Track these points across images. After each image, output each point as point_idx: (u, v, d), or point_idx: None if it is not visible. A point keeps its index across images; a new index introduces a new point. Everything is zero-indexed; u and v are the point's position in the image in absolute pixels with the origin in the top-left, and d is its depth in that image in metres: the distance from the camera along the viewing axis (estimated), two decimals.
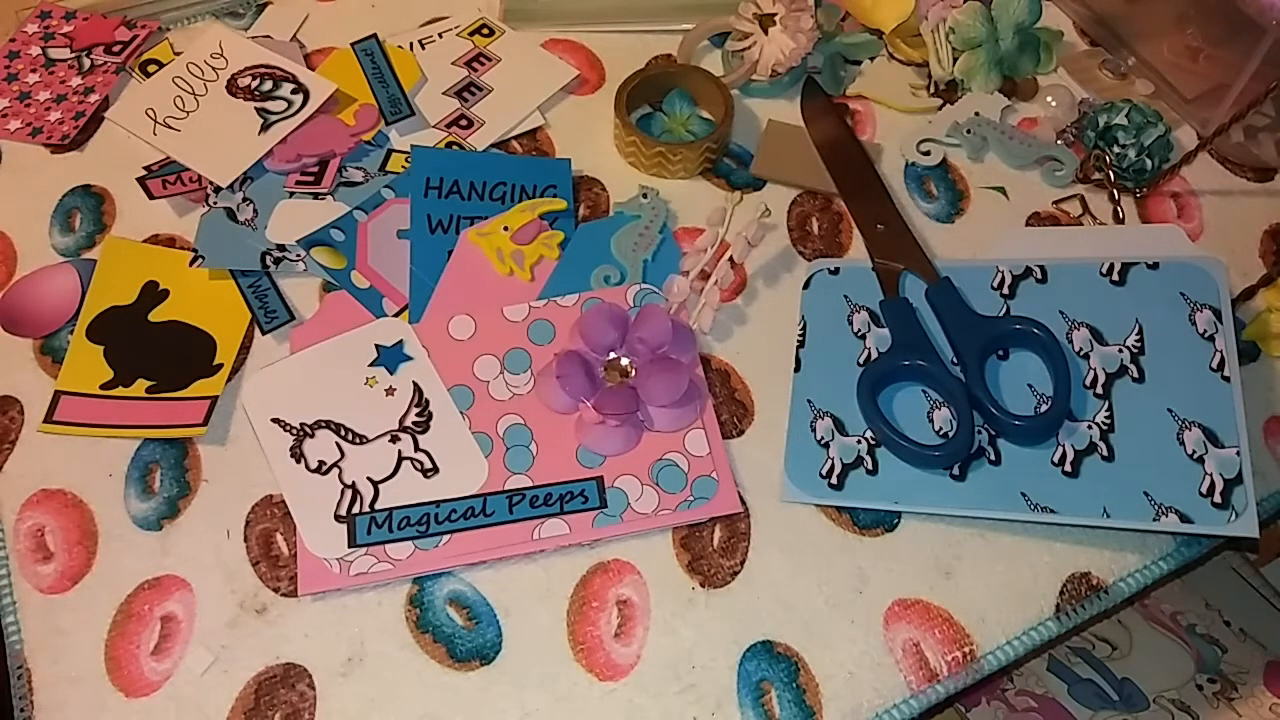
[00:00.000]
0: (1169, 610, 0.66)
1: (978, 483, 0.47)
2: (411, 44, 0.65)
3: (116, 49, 0.64)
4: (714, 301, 0.52)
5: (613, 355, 0.50)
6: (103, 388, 0.50)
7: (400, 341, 0.51)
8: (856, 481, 0.48)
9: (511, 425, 0.49)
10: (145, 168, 0.58)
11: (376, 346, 0.51)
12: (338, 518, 0.46)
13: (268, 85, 0.61)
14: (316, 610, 0.45)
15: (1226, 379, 0.47)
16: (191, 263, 0.54)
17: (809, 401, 0.50)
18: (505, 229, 0.55)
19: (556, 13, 0.67)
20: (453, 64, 0.64)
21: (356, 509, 0.46)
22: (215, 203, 0.56)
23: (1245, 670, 0.63)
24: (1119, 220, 0.59)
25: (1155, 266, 0.51)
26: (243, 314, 0.53)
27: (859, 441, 0.49)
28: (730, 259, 0.52)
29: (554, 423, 0.49)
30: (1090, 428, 0.47)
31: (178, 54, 0.63)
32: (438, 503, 0.46)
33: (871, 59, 0.66)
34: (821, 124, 0.61)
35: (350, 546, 0.45)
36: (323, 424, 0.49)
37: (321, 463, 0.47)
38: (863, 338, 0.52)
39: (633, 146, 0.59)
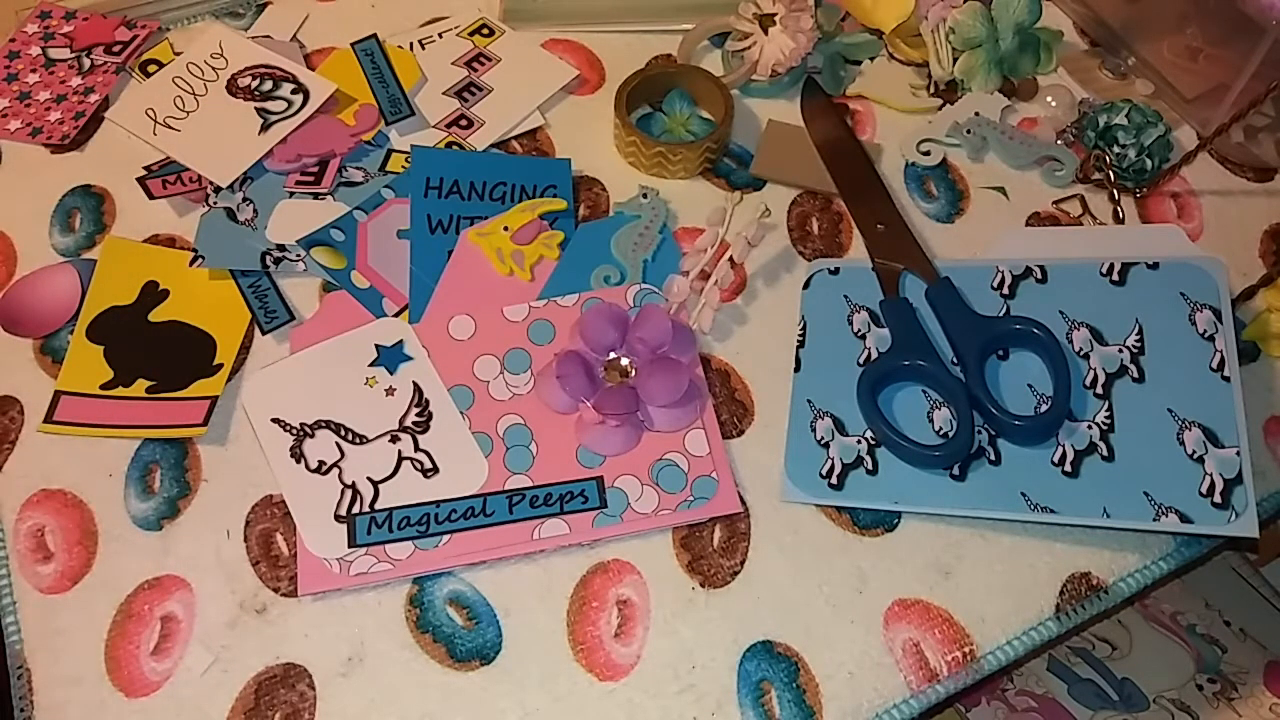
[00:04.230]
0: (1169, 610, 0.66)
1: (978, 483, 0.47)
2: (411, 44, 0.65)
3: (116, 49, 0.64)
4: (714, 301, 0.52)
5: (613, 355, 0.50)
6: (103, 388, 0.50)
7: (400, 341, 0.51)
8: (856, 481, 0.48)
9: (511, 425, 0.49)
10: (145, 168, 0.58)
11: (376, 346, 0.51)
12: (338, 518, 0.46)
13: (268, 85, 0.61)
14: (316, 610, 0.45)
15: (1226, 379, 0.47)
16: (191, 263, 0.54)
17: (809, 401, 0.50)
18: (505, 229, 0.55)
19: (556, 13, 0.67)
20: (453, 64, 0.64)
21: (356, 509, 0.46)
22: (215, 203, 0.56)
23: (1245, 670, 0.63)
24: (1119, 220, 0.59)
25: (1155, 266, 0.51)
26: (243, 314, 0.53)
27: (859, 441, 0.49)
28: (730, 259, 0.52)
29: (554, 423, 0.49)
30: (1090, 428, 0.47)
31: (178, 54, 0.63)
32: (438, 503, 0.46)
33: (871, 59, 0.66)
34: (821, 124, 0.61)
35: (350, 546, 0.45)
36: (323, 424, 0.49)
37: (321, 463, 0.47)
38: (863, 338, 0.52)
39: (633, 146, 0.59)
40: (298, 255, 0.55)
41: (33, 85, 0.62)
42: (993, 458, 0.48)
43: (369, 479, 0.47)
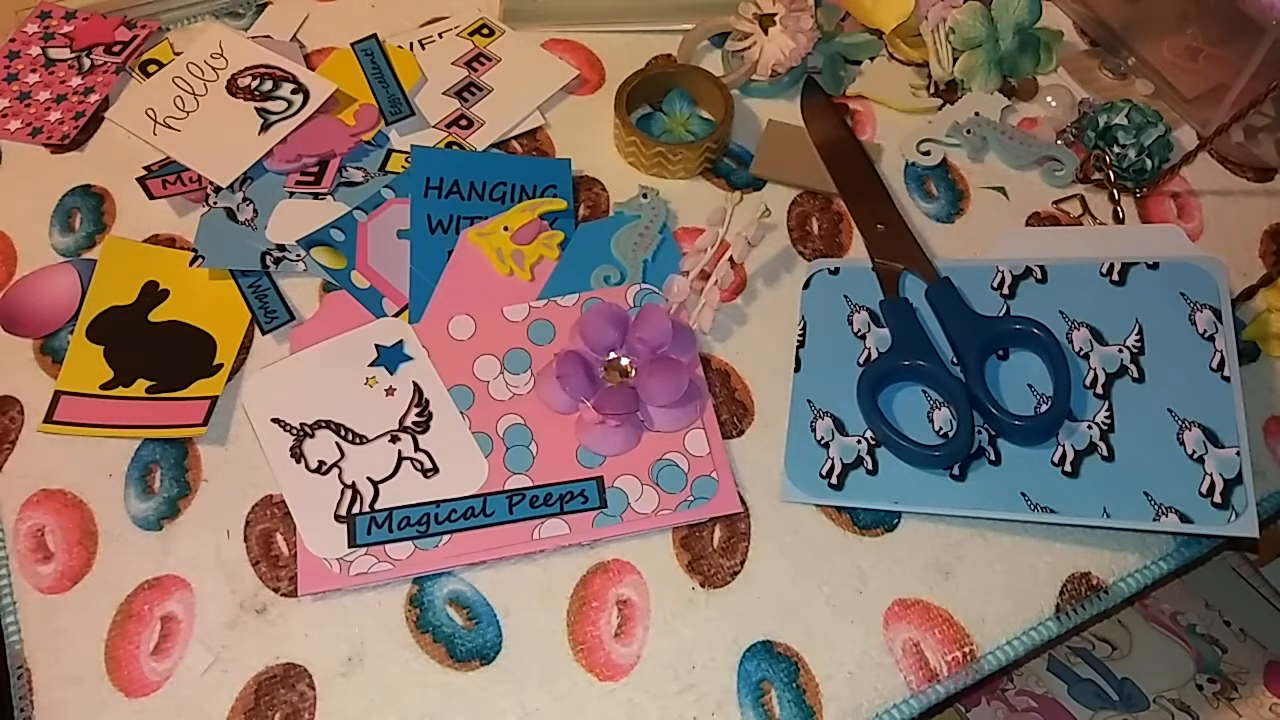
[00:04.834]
0: (1169, 610, 0.66)
1: (978, 483, 0.47)
2: (411, 44, 0.65)
3: (116, 49, 0.64)
4: (714, 301, 0.52)
5: (613, 355, 0.50)
6: (103, 388, 0.50)
7: (400, 341, 0.51)
8: (856, 481, 0.48)
9: (511, 425, 0.49)
10: (145, 168, 0.58)
11: (376, 346, 0.51)
12: (338, 518, 0.46)
13: (268, 85, 0.61)
14: (316, 610, 0.45)
15: (1226, 379, 0.47)
16: (191, 263, 0.54)
17: (809, 401, 0.50)
18: (505, 229, 0.55)
19: (556, 13, 0.67)
20: (453, 64, 0.64)
21: (356, 509, 0.46)
22: (215, 203, 0.56)
23: (1245, 670, 0.63)
24: (1119, 220, 0.59)
25: (1155, 266, 0.51)
26: (243, 314, 0.53)
27: (859, 441, 0.49)
28: (730, 259, 0.52)
29: (554, 423, 0.49)
30: (1090, 428, 0.47)
31: (178, 54, 0.63)
32: (438, 503, 0.46)
33: (871, 59, 0.66)
34: (821, 124, 0.61)
35: (350, 546, 0.45)
36: (323, 424, 0.49)
37: (321, 463, 0.47)
38: (863, 338, 0.52)
39: (633, 146, 0.59)
40: (298, 255, 0.55)
41: (33, 85, 0.62)
42: (993, 458, 0.48)
43: (369, 479, 0.47)
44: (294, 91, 0.61)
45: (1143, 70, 0.66)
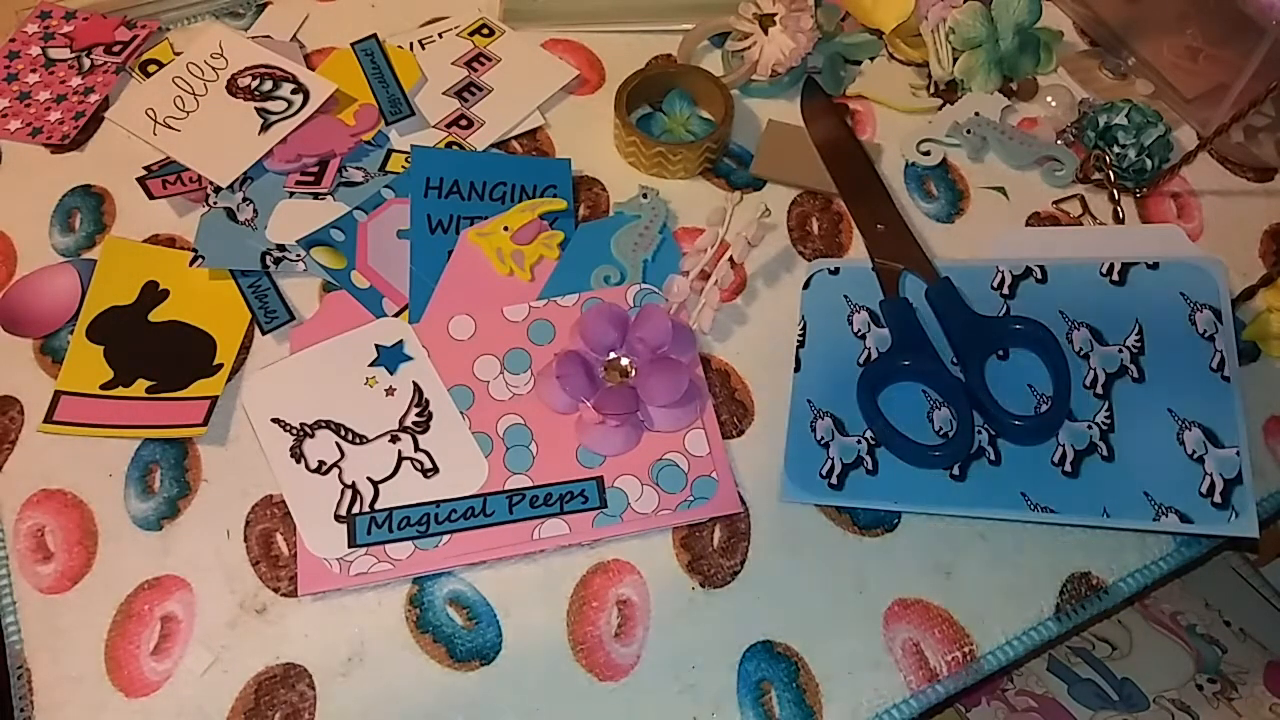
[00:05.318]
0: (1169, 610, 0.66)
1: (978, 483, 0.47)
2: (411, 44, 0.65)
3: (116, 49, 0.64)
4: (714, 301, 0.52)
5: (613, 355, 0.50)
6: (103, 388, 0.50)
7: (400, 341, 0.51)
8: (856, 481, 0.48)
9: (511, 425, 0.49)
10: (145, 168, 0.58)
11: (376, 346, 0.51)
12: (338, 518, 0.46)
13: (268, 85, 0.61)
14: (316, 610, 0.45)
15: (1226, 379, 0.47)
16: (191, 263, 0.54)
17: (809, 401, 0.50)
18: (505, 229, 0.55)
19: (556, 13, 0.67)
20: (453, 64, 0.64)
21: (356, 509, 0.46)
22: (215, 203, 0.56)
23: (1245, 670, 0.63)
24: (1119, 220, 0.59)
25: (1155, 266, 0.51)
26: (243, 314, 0.53)
27: (859, 441, 0.49)
28: (730, 259, 0.52)
29: (554, 423, 0.49)
30: (1090, 428, 0.47)
31: (178, 54, 0.63)
32: (438, 503, 0.46)
33: (871, 59, 0.66)
34: (821, 124, 0.61)
35: (350, 546, 0.45)
36: (323, 424, 0.49)
37: (321, 463, 0.47)
38: (863, 338, 0.52)
39: (633, 146, 0.59)
40: (298, 255, 0.55)
41: (33, 85, 0.62)
42: (993, 458, 0.48)
43: (369, 479, 0.47)
44: (294, 91, 0.61)
45: (1143, 70, 0.66)
